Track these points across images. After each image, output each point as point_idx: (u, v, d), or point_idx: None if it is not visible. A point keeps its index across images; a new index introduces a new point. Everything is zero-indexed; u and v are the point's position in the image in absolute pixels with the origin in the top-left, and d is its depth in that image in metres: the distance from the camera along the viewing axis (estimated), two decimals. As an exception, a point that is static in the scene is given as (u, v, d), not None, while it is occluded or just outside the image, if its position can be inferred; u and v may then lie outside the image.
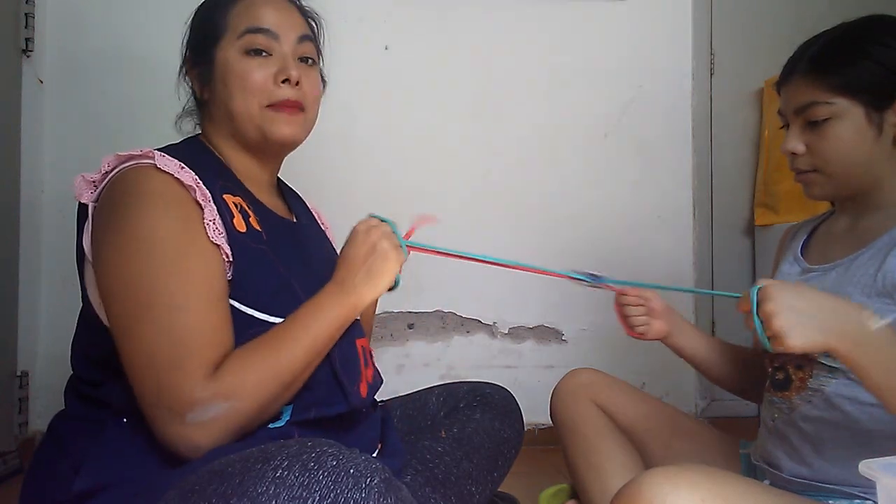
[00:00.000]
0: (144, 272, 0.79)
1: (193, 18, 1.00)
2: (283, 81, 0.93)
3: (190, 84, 1.01)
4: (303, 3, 1.04)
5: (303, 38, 0.97)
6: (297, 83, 0.94)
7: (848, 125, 0.95)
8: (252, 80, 0.92)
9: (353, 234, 0.93)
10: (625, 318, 1.20)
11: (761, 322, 0.79)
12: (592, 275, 1.05)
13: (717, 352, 1.21)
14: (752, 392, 1.20)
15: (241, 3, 0.96)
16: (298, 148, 1.03)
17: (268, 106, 0.93)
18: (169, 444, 0.76)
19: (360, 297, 0.89)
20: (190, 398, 0.75)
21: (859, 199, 1.01)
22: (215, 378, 0.77)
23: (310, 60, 0.99)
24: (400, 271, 0.94)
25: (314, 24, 1.05)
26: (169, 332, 0.77)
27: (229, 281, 0.85)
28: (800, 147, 0.99)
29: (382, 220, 0.94)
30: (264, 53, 0.94)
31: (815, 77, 0.96)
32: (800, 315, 0.77)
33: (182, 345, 0.77)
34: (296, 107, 0.95)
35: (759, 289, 0.80)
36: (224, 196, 0.89)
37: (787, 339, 0.76)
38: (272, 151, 1.00)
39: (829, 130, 0.96)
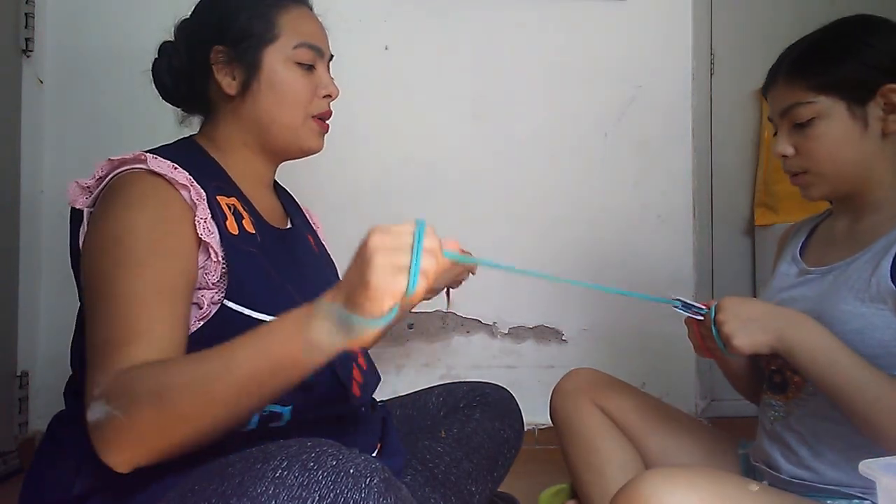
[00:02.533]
0: (107, 262, 0.79)
1: (224, 10, 0.97)
2: (325, 96, 0.99)
3: (215, 74, 0.96)
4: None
5: (331, 58, 1.03)
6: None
7: (832, 123, 0.96)
8: (302, 92, 0.97)
9: (361, 242, 0.65)
10: (703, 338, 1.07)
11: (717, 330, 0.92)
12: (685, 303, 0.98)
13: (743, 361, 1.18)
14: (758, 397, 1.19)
15: (290, 12, 0.98)
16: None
17: (312, 116, 0.99)
18: None
19: (319, 334, 0.65)
20: (89, 393, 0.71)
21: (856, 199, 1.01)
22: (114, 378, 0.70)
23: None
24: (411, 303, 0.64)
25: None
26: (106, 321, 0.75)
27: (217, 282, 0.85)
28: (789, 149, 1.00)
29: (420, 226, 0.63)
30: (309, 67, 0.98)
31: (796, 79, 0.98)
32: (744, 322, 0.90)
33: (109, 336, 0.74)
34: (327, 121, 1.02)
35: (717, 303, 0.93)
36: (218, 197, 0.89)
37: (732, 341, 0.90)
38: (291, 157, 1.03)
39: (815, 130, 0.97)
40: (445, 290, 1.39)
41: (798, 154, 1.00)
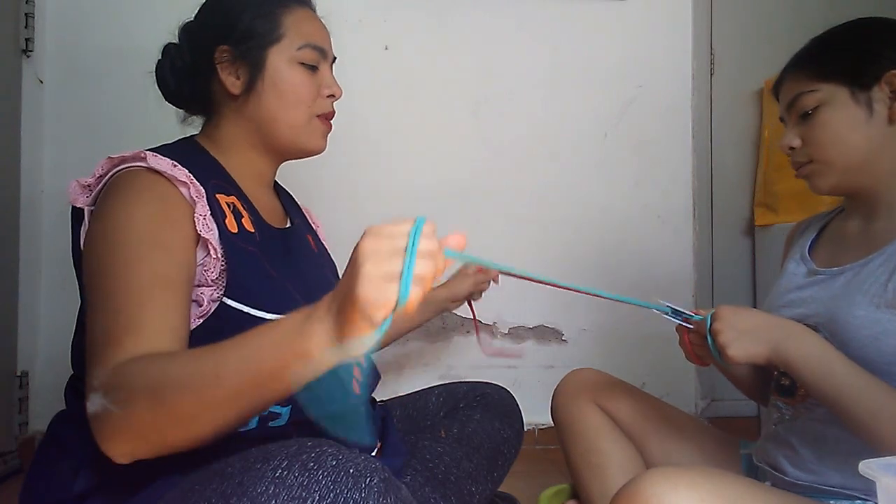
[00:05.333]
0: (107, 259, 0.79)
1: (229, 10, 0.98)
2: (328, 96, 1.00)
3: (219, 72, 0.97)
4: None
5: (334, 59, 1.05)
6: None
7: (836, 109, 0.96)
8: (305, 92, 0.98)
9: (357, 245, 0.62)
10: (693, 346, 1.07)
11: (713, 339, 0.91)
12: (675, 310, 1.01)
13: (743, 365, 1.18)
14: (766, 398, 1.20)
15: (294, 13, 0.98)
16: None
17: (317, 116, 0.99)
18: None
19: (310, 346, 0.61)
20: (88, 384, 0.71)
21: (869, 198, 0.99)
22: (113, 370, 0.70)
23: None
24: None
25: None
26: (105, 315, 0.75)
27: (216, 279, 0.85)
28: (795, 141, 1.00)
29: (417, 227, 0.59)
30: (312, 68, 0.99)
31: (800, 71, 0.99)
32: (740, 332, 0.89)
33: (109, 329, 0.74)
34: (331, 121, 1.03)
35: (713, 312, 0.93)
36: (217, 196, 0.89)
37: (727, 351, 0.89)
38: (294, 157, 1.03)
39: (819, 118, 0.97)
40: (466, 300, 1.38)
41: (804, 144, 0.99)
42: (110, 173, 0.87)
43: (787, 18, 2.20)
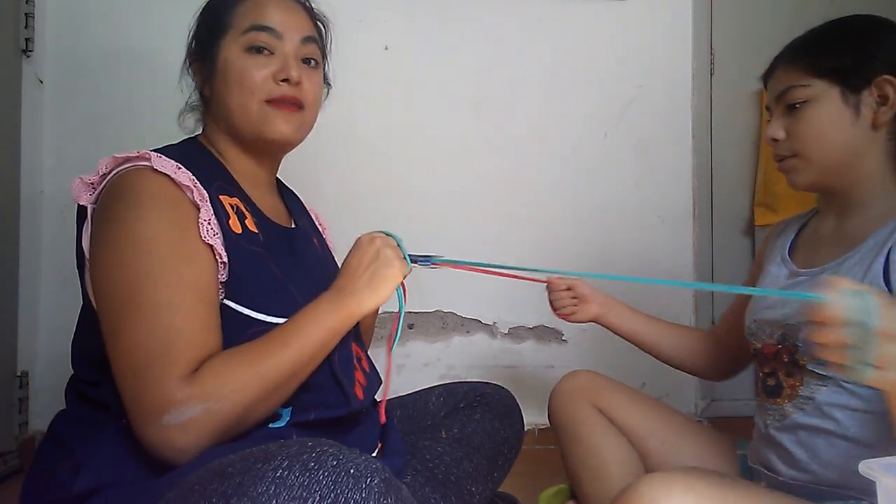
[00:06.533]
0: (134, 272, 0.79)
1: (201, 12, 1.00)
2: (283, 80, 0.93)
3: (193, 78, 1.01)
4: (311, 4, 1.04)
5: (307, 40, 0.97)
6: (298, 83, 0.94)
7: (824, 107, 0.96)
8: (251, 78, 0.92)
9: (357, 243, 0.93)
10: (552, 302, 1.33)
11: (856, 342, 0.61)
12: (426, 257, 0.98)
13: (662, 332, 1.30)
14: (711, 372, 1.29)
15: (248, 1, 0.96)
16: (298, 148, 1.03)
17: (267, 101, 0.93)
18: (149, 447, 0.75)
19: (359, 304, 0.88)
20: (167, 399, 0.74)
21: (842, 197, 1.01)
22: (194, 379, 0.75)
23: (312, 62, 0.99)
24: (403, 285, 0.93)
25: (321, 27, 1.05)
26: (152, 331, 0.77)
27: (224, 282, 0.85)
28: (780, 133, 1.01)
29: (388, 235, 0.94)
30: (266, 52, 0.93)
31: (794, 63, 0.99)
32: None
33: (163, 344, 0.76)
34: (294, 104, 0.95)
35: (875, 306, 0.61)
36: (220, 197, 0.89)
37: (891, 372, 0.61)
38: (268, 150, 0.99)
39: (807, 113, 0.97)
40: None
41: (788, 137, 1.00)
42: (113, 172, 0.87)
43: (787, 18, 2.20)
